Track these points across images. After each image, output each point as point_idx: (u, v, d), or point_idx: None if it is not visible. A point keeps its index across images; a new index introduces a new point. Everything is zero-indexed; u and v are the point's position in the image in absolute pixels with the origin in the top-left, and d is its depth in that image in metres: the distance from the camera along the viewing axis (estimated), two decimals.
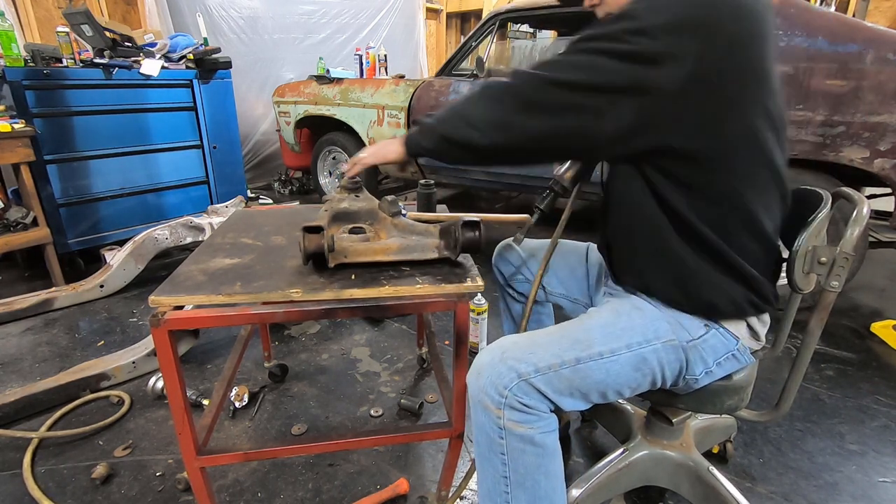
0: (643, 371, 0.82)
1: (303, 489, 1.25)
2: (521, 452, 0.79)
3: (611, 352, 0.81)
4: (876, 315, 2.20)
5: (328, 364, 1.80)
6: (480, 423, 0.81)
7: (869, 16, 4.62)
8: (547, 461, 0.80)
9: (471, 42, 2.91)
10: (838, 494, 1.24)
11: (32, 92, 2.25)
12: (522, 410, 0.77)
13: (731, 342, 0.86)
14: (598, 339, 0.82)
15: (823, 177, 1.95)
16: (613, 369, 0.80)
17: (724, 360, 0.86)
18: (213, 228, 2.43)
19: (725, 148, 0.73)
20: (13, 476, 1.28)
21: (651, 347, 0.82)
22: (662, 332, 0.83)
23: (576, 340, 0.82)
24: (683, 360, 0.84)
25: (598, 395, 0.82)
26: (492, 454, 0.81)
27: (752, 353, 0.89)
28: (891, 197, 1.93)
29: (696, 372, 0.85)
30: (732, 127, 0.72)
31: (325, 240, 0.89)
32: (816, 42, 1.84)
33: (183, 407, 0.91)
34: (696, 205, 0.77)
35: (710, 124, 0.72)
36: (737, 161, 0.74)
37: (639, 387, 0.85)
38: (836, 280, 0.80)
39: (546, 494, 0.81)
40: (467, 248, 0.95)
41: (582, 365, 0.79)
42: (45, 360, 1.82)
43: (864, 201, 0.81)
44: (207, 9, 3.95)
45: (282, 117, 3.71)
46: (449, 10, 7.34)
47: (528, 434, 0.78)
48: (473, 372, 0.81)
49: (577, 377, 0.79)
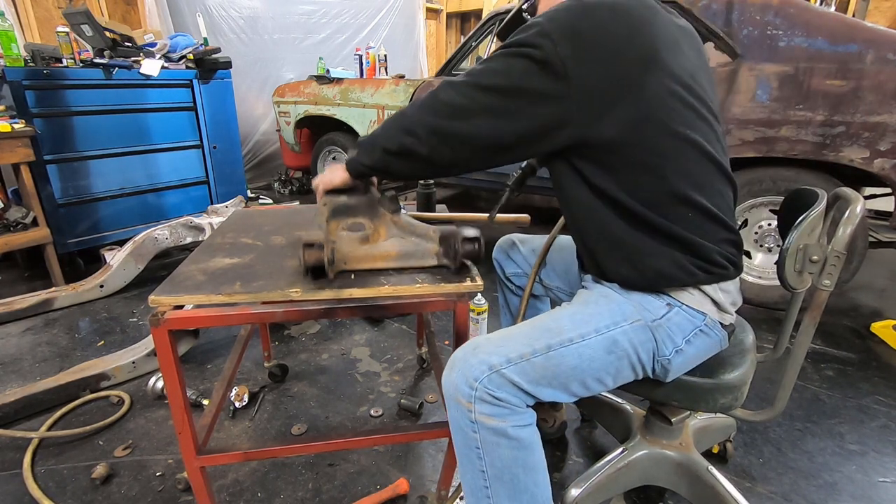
0: (617, 353, 0.83)
1: (303, 489, 1.25)
2: (496, 446, 0.79)
3: (580, 336, 0.82)
4: (876, 315, 2.20)
5: (328, 364, 1.80)
6: (454, 418, 0.82)
7: (869, 16, 4.62)
8: (524, 454, 0.80)
9: (471, 42, 2.91)
10: (838, 494, 1.24)
11: (32, 92, 2.26)
12: (493, 403, 0.77)
13: (698, 317, 0.86)
14: (567, 326, 0.84)
15: (823, 177, 1.95)
16: (586, 353, 0.81)
17: (692, 337, 0.87)
18: (212, 228, 2.44)
19: (633, 130, 0.78)
20: (13, 476, 1.28)
21: (620, 329, 0.83)
22: (629, 314, 0.85)
23: (546, 329, 0.84)
24: (653, 340, 0.85)
25: (578, 384, 0.83)
26: (467, 449, 0.82)
27: (723, 327, 0.90)
28: (891, 197, 1.93)
29: (667, 352, 0.85)
30: (631, 112, 0.77)
31: (326, 253, 0.89)
32: (816, 42, 1.85)
33: (183, 407, 0.91)
34: (624, 184, 0.81)
35: (610, 112, 0.77)
36: (646, 139, 0.79)
37: (618, 373, 0.85)
38: (829, 279, 0.81)
39: (526, 488, 0.82)
40: (467, 258, 0.96)
41: (554, 352, 0.80)
42: (45, 360, 1.82)
43: (860, 200, 0.82)
44: (207, 9, 3.95)
45: (282, 117, 3.71)
46: (449, 10, 7.34)
47: (501, 427, 0.78)
48: (447, 367, 0.82)
49: (550, 364, 0.80)
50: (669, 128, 0.79)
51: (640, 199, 0.82)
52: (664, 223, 0.82)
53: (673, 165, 0.80)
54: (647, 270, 0.84)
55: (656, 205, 0.82)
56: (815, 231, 0.84)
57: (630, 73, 0.76)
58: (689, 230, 0.82)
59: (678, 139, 0.80)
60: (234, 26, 4.16)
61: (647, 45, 0.77)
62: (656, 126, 0.78)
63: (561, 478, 1.29)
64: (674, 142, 0.80)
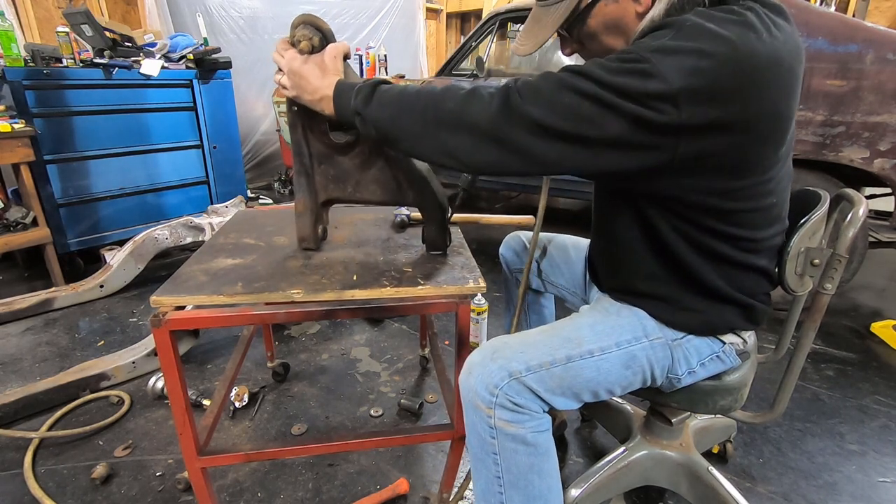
0: (633, 369, 0.83)
1: (303, 489, 1.25)
2: (514, 452, 0.78)
3: (601, 350, 0.81)
4: (876, 315, 2.20)
5: (328, 364, 1.80)
6: (472, 423, 0.81)
7: (869, 16, 4.61)
8: (540, 461, 0.80)
9: (471, 42, 2.91)
10: (838, 494, 1.24)
11: (32, 92, 2.25)
12: (514, 410, 0.76)
13: (717, 344, 0.86)
14: (588, 337, 0.82)
15: (823, 177, 1.95)
16: (604, 367, 0.81)
17: (708, 362, 0.86)
18: (213, 228, 2.43)
19: (731, 198, 0.71)
20: (13, 476, 1.28)
21: (640, 345, 0.83)
22: (651, 330, 0.84)
23: (566, 339, 0.82)
24: (670, 358, 0.84)
25: (589, 394, 0.83)
26: (484, 454, 0.80)
27: (738, 355, 0.89)
28: (891, 197, 1.93)
29: (679, 371, 0.85)
30: (740, 183, 0.70)
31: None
32: (816, 42, 1.85)
33: (184, 407, 0.91)
34: (692, 240, 0.76)
35: (716, 183, 0.69)
36: (741, 206, 0.73)
37: (630, 385, 0.85)
38: (830, 283, 0.80)
39: (541, 494, 0.81)
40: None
41: (573, 363, 0.80)
42: (45, 360, 1.82)
43: (862, 203, 0.81)
44: (207, 9, 3.95)
45: (282, 117, 3.71)
46: (449, 10, 7.33)
47: (520, 434, 0.77)
48: (465, 371, 0.81)
49: (568, 375, 0.79)
50: (769, 196, 0.74)
51: (703, 254, 0.77)
52: (718, 283, 0.79)
53: (752, 231, 0.76)
54: (688, 320, 0.83)
55: (719, 263, 0.78)
56: (816, 234, 0.83)
57: (756, 141, 0.66)
58: (745, 290, 0.81)
59: (771, 205, 0.75)
60: (234, 26, 4.16)
61: (783, 107, 0.66)
62: (757, 195, 0.73)
63: (561, 478, 1.28)
64: (766, 210, 0.75)
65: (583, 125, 0.63)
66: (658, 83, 0.60)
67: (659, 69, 0.60)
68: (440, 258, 1.04)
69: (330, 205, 1.07)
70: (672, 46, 0.61)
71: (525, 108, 0.65)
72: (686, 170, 0.67)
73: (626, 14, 0.72)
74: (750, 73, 0.61)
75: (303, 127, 0.95)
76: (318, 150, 0.98)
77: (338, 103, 0.80)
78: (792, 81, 0.67)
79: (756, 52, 0.61)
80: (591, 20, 0.75)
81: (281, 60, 0.84)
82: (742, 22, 0.63)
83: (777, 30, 0.65)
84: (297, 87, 0.83)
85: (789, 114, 0.68)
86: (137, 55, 2.64)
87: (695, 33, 0.62)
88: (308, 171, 0.99)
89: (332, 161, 0.99)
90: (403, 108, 0.74)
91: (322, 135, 0.96)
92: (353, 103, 0.77)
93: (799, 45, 0.68)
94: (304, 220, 1.03)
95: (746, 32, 0.62)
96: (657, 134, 0.62)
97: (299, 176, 1.00)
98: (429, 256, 1.05)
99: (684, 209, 0.74)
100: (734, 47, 0.60)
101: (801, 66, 0.69)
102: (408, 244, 1.13)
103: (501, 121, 0.67)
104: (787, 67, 0.65)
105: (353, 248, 1.09)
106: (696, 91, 0.60)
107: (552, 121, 0.64)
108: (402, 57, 5.48)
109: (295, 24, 0.84)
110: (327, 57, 0.83)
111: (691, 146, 0.63)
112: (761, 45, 0.62)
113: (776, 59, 0.63)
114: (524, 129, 0.66)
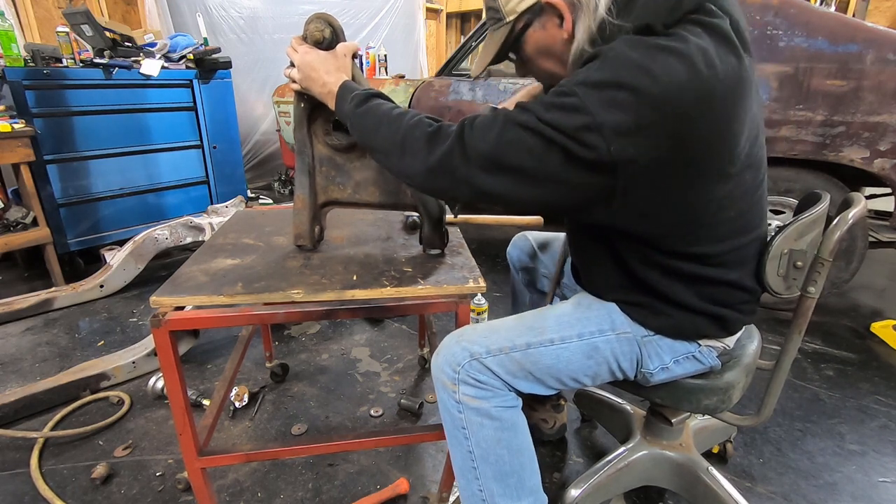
0: (596, 360, 0.84)
1: (303, 489, 1.25)
2: (480, 426, 0.81)
3: (561, 339, 0.83)
4: (876, 315, 2.20)
5: (328, 364, 1.80)
6: (442, 400, 0.84)
7: (869, 16, 4.61)
8: (508, 435, 0.82)
9: (471, 42, 2.91)
10: (838, 494, 1.24)
11: (32, 92, 2.25)
12: (476, 386, 0.80)
13: (693, 345, 0.86)
14: (551, 326, 0.85)
15: (823, 177, 1.95)
16: (563, 356, 0.83)
17: (682, 360, 0.87)
18: (213, 228, 2.43)
19: (686, 220, 0.73)
20: (13, 476, 1.28)
21: (604, 338, 0.84)
22: (619, 324, 0.85)
23: (530, 327, 0.85)
24: (638, 353, 0.85)
25: (553, 380, 0.84)
26: (455, 429, 0.83)
27: (718, 357, 0.89)
28: (891, 197, 1.93)
29: (651, 367, 0.86)
30: (691, 210, 0.71)
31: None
32: (816, 42, 1.84)
33: (184, 408, 0.91)
34: (656, 263, 0.79)
35: (667, 212, 0.71)
36: (698, 227, 0.74)
37: (597, 375, 0.87)
38: (813, 286, 0.79)
39: (513, 470, 0.83)
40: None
41: (532, 350, 0.82)
42: (45, 360, 1.82)
43: (857, 204, 0.80)
44: (207, 9, 3.95)
45: (282, 117, 3.71)
46: (449, 10, 7.33)
47: (484, 408, 0.80)
48: (435, 353, 0.85)
49: (527, 361, 0.82)
50: (726, 210, 0.74)
51: (669, 274, 0.79)
52: (692, 298, 0.80)
53: (713, 247, 0.76)
54: (659, 323, 0.84)
55: (689, 281, 0.79)
56: (803, 237, 0.81)
57: (694, 163, 0.66)
58: (719, 300, 0.81)
59: (734, 217, 0.75)
60: (234, 26, 4.16)
61: (727, 149, 0.66)
62: (707, 212, 0.73)
63: (561, 478, 1.29)
64: (726, 224, 0.75)
65: (525, 159, 0.66)
66: (583, 117, 0.61)
67: (584, 103, 0.61)
68: (440, 258, 1.04)
69: (329, 207, 1.08)
70: (595, 80, 0.62)
71: (475, 142, 0.69)
72: (633, 204, 0.68)
73: (554, 40, 0.75)
74: (675, 106, 0.60)
75: (308, 126, 0.99)
76: (321, 152, 1.01)
77: (338, 102, 0.87)
78: (730, 108, 0.64)
79: (681, 85, 0.59)
80: (526, 45, 0.79)
81: (294, 55, 0.90)
82: (670, 50, 0.60)
83: (717, 59, 0.62)
84: (309, 78, 0.89)
85: (734, 137, 0.66)
86: (137, 55, 2.64)
87: (616, 64, 0.61)
88: (310, 170, 1.02)
89: (333, 163, 1.03)
90: (382, 125, 0.79)
91: (325, 136, 1.00)
92: (347, 106, 0.84)
93: (742, 76, 0.65)
94: (302, 218, 1.03)
95: (673, 63, 0.59)
96: (592, 171, 0.64)
97: (301, 174, 1.01)
98: (429, 256, 1.05)
99: (643, 237, 0.77)
100: (654, 79, 0.59)
101: (744, 88, 0.66)
102: (407, 244, 1.13)
103: (455, 153, 0.71)
104: (721, 97, 0.62)
105: (352, 248, 1.09)
106: (619, 124, 0.60)
107: (498, 154, 0.67)
108: (402, 57, 5.48)
109: (309, 21, 0.91)
110: (339, 54, 0.91)
111: (631, 181, 0.64)
112: (689, 77, 0.59)
113: (707, 91, 0.61)
114: (474, 162, 0.69)
